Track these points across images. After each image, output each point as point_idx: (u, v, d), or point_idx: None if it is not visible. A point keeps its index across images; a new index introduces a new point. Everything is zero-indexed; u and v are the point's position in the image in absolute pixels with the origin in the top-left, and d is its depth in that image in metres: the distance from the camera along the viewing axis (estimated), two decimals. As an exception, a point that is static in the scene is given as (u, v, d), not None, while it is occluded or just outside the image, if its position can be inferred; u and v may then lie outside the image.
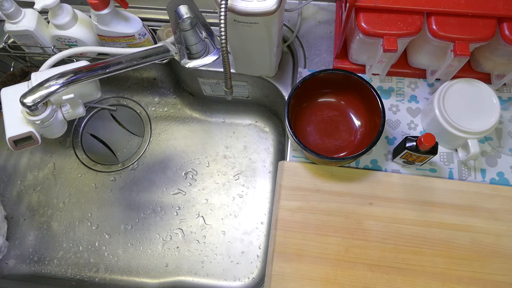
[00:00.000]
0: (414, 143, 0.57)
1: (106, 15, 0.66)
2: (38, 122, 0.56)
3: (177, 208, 0.87)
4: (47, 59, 0.65)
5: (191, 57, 0.72)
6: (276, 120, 0.91)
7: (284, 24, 0.77)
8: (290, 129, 0.59)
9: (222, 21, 0.48)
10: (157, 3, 0.80)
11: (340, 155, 0.65)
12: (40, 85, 0.54)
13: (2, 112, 0.59)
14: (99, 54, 0.74)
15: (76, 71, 0.56)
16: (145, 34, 0.72)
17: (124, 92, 0.96)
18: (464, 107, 0.60)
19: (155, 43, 0.75)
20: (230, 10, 0.50)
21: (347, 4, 0.56)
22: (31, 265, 0.84)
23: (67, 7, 0.68)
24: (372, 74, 0.69)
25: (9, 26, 0.70)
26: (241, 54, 0.66)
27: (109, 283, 0.82)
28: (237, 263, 0.82)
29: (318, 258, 0.60)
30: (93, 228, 0.86)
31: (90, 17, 0.69)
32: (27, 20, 0.70)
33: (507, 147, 0.65)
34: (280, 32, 0.63)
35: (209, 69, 0.76)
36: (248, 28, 0.54)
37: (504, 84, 0.67)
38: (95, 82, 0.64)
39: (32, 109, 0.54)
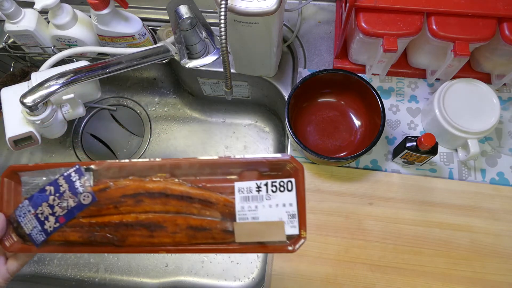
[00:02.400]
0: (414, 143, 0.57)
1: (106, 15, 0.66)
2: (38, 122, 0.56)
3: (177, 208, 0.86)
4: (47, 59, 0.65)
5: (191, 57, 0.72)
6: (276, 120, 0.91)
7: (284, 24, 0.77)
8: (290, 129, 0.59)
9: (222, 21, 0.48)
10: (157, 3, 0.80)
11: (340, 155, 0.65)
12: (40, 85, 0.54)
13: (2, 112, 0.59)
14: (99, 54, 0.74)
15: (76, 71, 0.56)
16: (145, 34, 0.72)
17: (124, 92, 0.96)
18: (464, 107, 0.60)
19: (155, 43, 0.75)
20: (230, 10, 0.50)
21: (347, 4, 0.56)
22: (31, 265, 0.84)
23: (67, 7, 0.68)
24: (372, 74, 0.69)
25: (9, 26, 0.70)
26: (241, 54, 0.66)
27: (109, 283, 0.82)
28: (237, 263, 0.82)
29: (318, 258, 0.60)
30: (93, 228, 0.86)
31: (90, 17, 0.69)
32: (27, 20, 0.70)
33: (507, 147, 0.65)
34: (280, 32, 0.63)
35: (209, 69, 0.76)
36: (248, 28, 0.54)
37: (504, 84, 0.67)
38: (95, 82, 0.64)
39: (32, 109, 0.54)
